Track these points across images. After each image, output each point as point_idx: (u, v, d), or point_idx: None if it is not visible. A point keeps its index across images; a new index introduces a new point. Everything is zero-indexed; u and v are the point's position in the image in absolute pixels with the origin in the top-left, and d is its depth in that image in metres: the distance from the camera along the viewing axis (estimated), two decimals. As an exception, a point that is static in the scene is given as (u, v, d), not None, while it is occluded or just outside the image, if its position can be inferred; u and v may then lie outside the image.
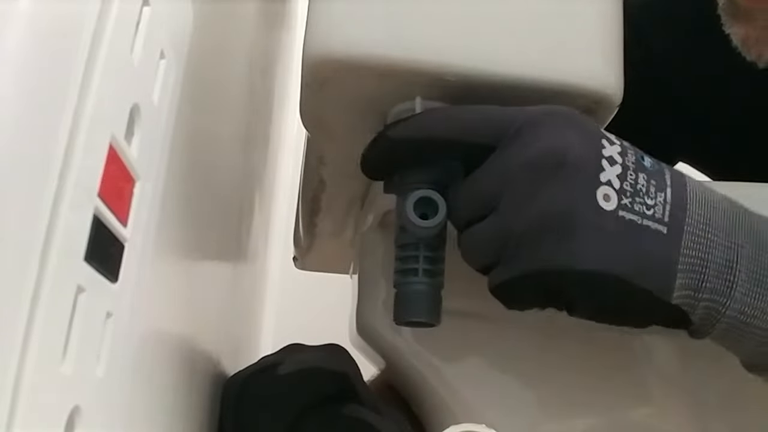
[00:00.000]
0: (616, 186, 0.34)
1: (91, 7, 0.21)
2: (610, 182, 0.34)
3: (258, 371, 0.46)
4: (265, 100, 0.76)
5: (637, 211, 0.34)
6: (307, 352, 0.47)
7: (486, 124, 0.36)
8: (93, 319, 0.23)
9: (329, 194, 0.55)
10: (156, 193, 0.29)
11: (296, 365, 0.44)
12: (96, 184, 0.22)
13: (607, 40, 0.39)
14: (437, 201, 0.37)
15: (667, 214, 0.34)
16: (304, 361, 0.45)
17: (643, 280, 0.34)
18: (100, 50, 0.22)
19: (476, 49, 0.37)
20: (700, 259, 0.34)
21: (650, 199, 0.34)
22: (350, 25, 0.36)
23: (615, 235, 0.34)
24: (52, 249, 0.19)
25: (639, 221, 0.34)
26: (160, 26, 0.27)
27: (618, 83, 0.38)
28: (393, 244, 0.41)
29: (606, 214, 0.34)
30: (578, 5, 0.39)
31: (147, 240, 0.28)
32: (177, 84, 0.31)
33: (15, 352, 0.18)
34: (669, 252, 0.34)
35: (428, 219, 0.37)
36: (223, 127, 0.49)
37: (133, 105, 0.25)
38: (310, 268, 0.79)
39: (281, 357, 0.46)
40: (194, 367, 0.43)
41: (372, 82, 0.37)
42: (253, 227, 0.73)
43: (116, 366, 0.25)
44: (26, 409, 0.18)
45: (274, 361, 0.46)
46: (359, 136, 0.44)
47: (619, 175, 0.34)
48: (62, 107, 0.20)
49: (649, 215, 0.34)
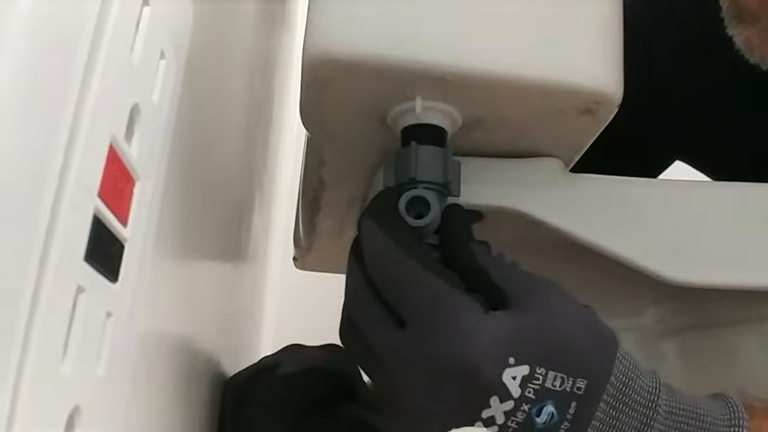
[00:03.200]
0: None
1: (91, 7, 0.21)
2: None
3: (258, 372, 0.46)
4: (265, 100, 0.77)
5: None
6: (306, 352, 0.47)
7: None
8: (93, 319, 0.23)
9: (329, 194, 0.55)
10: (156, 193, 0.29)
11: (296, 366, 0.45)
12: (96, 184, 0.22)
13: (607, 39, 0.39)
14: (430, 200, 0.37)
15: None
16: (304, 361, 0.45)
17: None
18: (100, 50, 0.22)
19: (476, 49, 0.37)
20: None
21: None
22: (350, 25, 0.36)
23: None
24: (52, 249, 0.19)
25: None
26: (160, 26, 0.27)
27: (618, 83, 0.38)
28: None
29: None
30: (578, 5, 0.39)
31: (147, 240, 0.28)
32: (177, 84, 0.31)
33: (15, 352, 0.18)
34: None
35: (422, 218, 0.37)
36: (223, 127, 0.49)
37: (133, 105, 0.25)
38: (310, 268, 0.79)
39: (281, 358, 0.46)
40: (194, 366, 0.43)
41: (372, 82, 0.37)
42: (253, 227, 0.73)
43: (116, 366, 0.25)
44: (26, 409, 0.18)
45: (273, 361, 0.46)
46: (359, 136, 0.44)
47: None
48: (62, 107, 0.20)
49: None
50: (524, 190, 0.44)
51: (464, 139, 0.42)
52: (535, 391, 0.33)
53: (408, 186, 0.38)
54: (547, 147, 0.45)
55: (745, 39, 0.52)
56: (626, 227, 0.45)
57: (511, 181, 0.45)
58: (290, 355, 0.46)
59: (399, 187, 0.39)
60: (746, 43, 0.53)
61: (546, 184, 0.45)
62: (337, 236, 0.64)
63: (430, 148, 0.39)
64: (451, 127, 0.40)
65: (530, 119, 0.41)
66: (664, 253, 0.45)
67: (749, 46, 0.52)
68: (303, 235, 0.65)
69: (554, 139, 0.44)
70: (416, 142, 0.39)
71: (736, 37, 0.53)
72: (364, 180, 0.50)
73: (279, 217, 1.01)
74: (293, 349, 0.48)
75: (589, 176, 0.46)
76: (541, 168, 0.45)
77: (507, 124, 0.42)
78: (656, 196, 0.46)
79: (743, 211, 0.47)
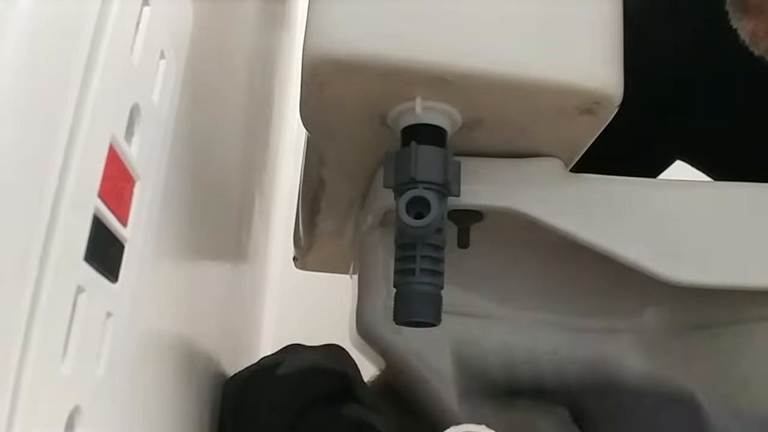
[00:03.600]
0: None
1: (91, 7, 0.21)
2: None
3: (258, 372, 0.46)
4: (265, 100, 0.76)
5: None
6: (306, 352, 0.47)
7: None
8: (93, 319, 0.23)
9: (329, 194, 0.55)
10: (156, 193, 0.29)
11: (295, 366, 0.44)
12: (96, 184, 0.22)
13: (607, 39, 0.39)
14: (430, 201, 0.37)
15: None
16: (304, 361, 0.45)
17: None
18: (100, 50, 0.22)
19: (476, 49, 0.37)
20: None
21: None
22: (350, 25, 0.36)
23: None
24: (52, 249, 0.19)
25: None
26: (160, 26, 0.27)
27: (618, 83, 0.38)
28: (393, 244, 0.41)
29: None
30: (578, 5, 0.39)
31: (147, 240, 0.28)
32: (177, 84, 0.30)
33: (15, 352, 0.18)
34: None
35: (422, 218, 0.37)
36: (223, 127, 0.49)
37: (133, 105, 0.25)
38: (310, 268, 0.79)
39: (281, 358, 0.46)
40: (194, 366, 0.43)
41: (372, 82, 0.37)
42: (253, 227, 0.73)
43: (116, 366, 0.25)
44: (26, 409, 0.18)
45: (273, 361, 0.46)
46: (359, 136, 0.44)
47: None
48: (62, 107, 0.20)
49: None
50: (524, 190, 0.44)
51: (464, 139, 0.42)
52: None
53: (408, 186, 0.38)
54: (547, 147, 0.45)
55: (750, 31, 0.52)
56: (626, 227, 0.45)
57: (511, 181, 0.45)
58: (290, 355, 0.46)
59: (399, 187, 0.39)
60: (751, 35, 0.52)
61: (546, 184, 0.45)
62: (337, 236, 0.64)
63: (430, 148, 0.39)
64: (451, 127, 0.40)
65: (530, 119, 0.41)
66: (664, 253, 0.45)
67: (754, 38, 0.52)
68: (303, 235, 0.65)
69: (554, 139, 0.44)
70: (416, 142, 0.39)
71: (741, 29, 0.53)
72: (364, 180, 0.50)
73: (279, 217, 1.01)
74: (293, 349, 0.48)
75: (589, 176, 0.46)
76: (541, 168, 0.45)
77: (507, 124, 0.42)
78: (656, 196, 0.46)
79: (743, 212, 0.47)
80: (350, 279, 0.67)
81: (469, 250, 0.46)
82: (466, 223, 0.46)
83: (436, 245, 0.39)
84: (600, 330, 0.53)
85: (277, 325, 1.10)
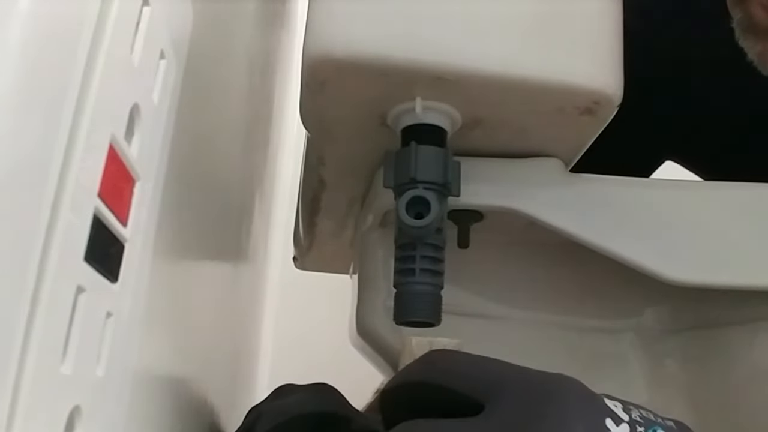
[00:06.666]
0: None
1: (91, 7, 0.21)
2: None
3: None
4: (265, 100, 0.77)
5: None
6: (291, 397, 0.44)
7: (480, 382, 0.32)
8: (93, 319, 0.23)
9: (329, 194, 0.55)
10: (156, 193, 0.29)
11: (274, 420, 0.41)
12: (96, 184, 0.22)
13: (607, 40, 0.39)
14: (430, 200, 0.37)
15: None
16: (284, 412, 0.42)
17: None
18: (100, 50, 0.22)
19: (476, 49, 0.37)
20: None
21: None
22: (350, 25, 0.36)
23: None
24: (52, 249, 0.19)
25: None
26: (160, 26, 0.27)
27: (618, 83, 0.38)
28: (393, 244, 0.41)
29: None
30: (578, 5, 0.39)
31: (147, 240, 0.28)
32: (177, 84, 0.30)
33: (15, 352, 0.18)
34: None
35: (422, 218, 0.37)
36: (223, 127, 0.49)
37: (133, 105, 0.25)
38: (310, 268, 0.79)
39: (262, 409, 0.43)
40: (194, 366, 0.43)
41: (372, 82, 0.37)
42: (253, 227, 0.73)
43: (116, 366, 0.25)
44: (26, 409, 0.18)
45: (254, 418, 0.43)
46: (359, 137, 0.44)
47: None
48: (62, 107, 0.20)
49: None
50: (524, 190, 0.44)
51: (464, 139, 0.42)
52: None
53: (408, 186, 0.38)
54: (547, 147, 0.45)
55: (759, 53, 0.52)
56: (626, 227, 0.45)
57: (511, 181, 0.45)
58: (273, 403, 0.44)
59: (399, 186, 0.39)
60: (760, 57, 0.53)
61: (546, 184, 0.45)
62: (337, 236, 0.64)
63: (430, 148, 0.39)
64: (451, 127, 0.40)
65: (530, 119, 0.41)
66: (664, 253, 0.45)
67: (762, 59, 0.52)
68: (303, 235, 0.65)
69: (554, 139, 0.44)
70: (416, 142, 0.39)
71: (749, 50, 0.53)
72: (364, 180, 0.50)
73: (279, 217, 1.01)
74: (281, 392, 0.45)
75: (589, 176, 0.46)
76: (541, 168, 0.45)
77: (507, 124, 0.42)
78: (656, 197, 0.46)
79: (743, 212, 0.47)
80: (350, 279, 0.67)
81: (469, 250, 0.46)
82: (466, 223, 0.46)
83: (436, 245, 0.39)
84: (600, 330, 0.53)
85: (277, 325, 1.10)
